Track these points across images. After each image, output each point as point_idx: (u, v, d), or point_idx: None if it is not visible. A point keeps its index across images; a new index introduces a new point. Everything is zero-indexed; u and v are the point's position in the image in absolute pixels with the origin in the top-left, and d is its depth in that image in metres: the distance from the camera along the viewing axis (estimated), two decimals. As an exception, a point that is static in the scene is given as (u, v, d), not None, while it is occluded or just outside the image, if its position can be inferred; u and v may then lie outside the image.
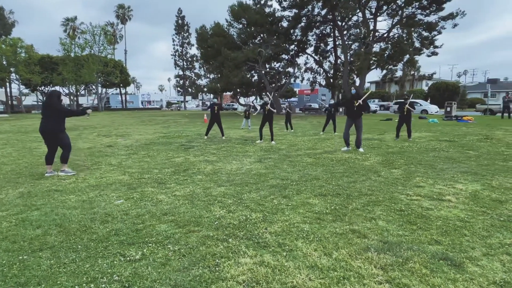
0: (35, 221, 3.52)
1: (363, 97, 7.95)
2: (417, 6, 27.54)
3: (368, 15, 29.27)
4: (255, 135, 12.30)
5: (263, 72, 32.37)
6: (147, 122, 21.42)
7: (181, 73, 55.43)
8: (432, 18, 27.71)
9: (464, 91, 44.94)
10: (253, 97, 51.32)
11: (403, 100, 10.35)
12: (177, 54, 54.39)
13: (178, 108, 55.09)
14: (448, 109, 28.43)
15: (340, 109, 26.34)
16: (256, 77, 40.01)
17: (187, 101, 61.88)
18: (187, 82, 55.35)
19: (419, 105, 31.92)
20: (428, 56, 29.31)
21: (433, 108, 31.44)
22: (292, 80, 37.05)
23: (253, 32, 31.86)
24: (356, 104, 7.74)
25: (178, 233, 3.15)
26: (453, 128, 14.21)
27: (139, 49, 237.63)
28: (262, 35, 32.67)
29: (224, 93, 50.36)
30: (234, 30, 33.16)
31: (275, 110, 9.64)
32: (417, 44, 28.71)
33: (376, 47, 30.15)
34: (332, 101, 12.57)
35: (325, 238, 2.98)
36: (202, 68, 49.63)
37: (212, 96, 44.36)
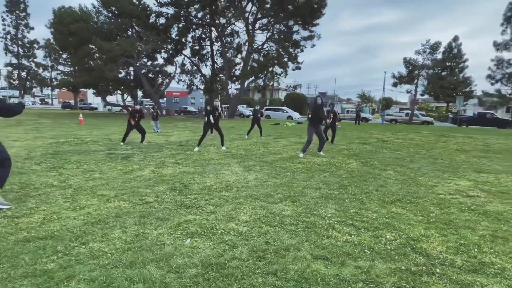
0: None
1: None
2: (284, 24, 31.32)
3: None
4: (174, 140, 10.95)
5: (141, 69, 29.30)
6: (-7, 123, 15.78)
7: (14, 61, 43.67)
8: (296, 37, 32.03)
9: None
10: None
11: (329, 108, 11.46)
12: (9, 37, 42.55)
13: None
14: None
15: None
16: (123, 74, 35.80)
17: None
18: (25, 73, 44.10)
19: (285, 111, 36.32)
20: (293, 70, 33.63)
21: (296, 115, 36.09)
22: (171, 80, 34.99)
23: (127, 23, 28.35)
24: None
25: (358, 275, 2.39)
26: (342, 132, 16.60)
27: None
28: (136, 29, 29.51)
29: (81, 90, 42.76)
30: (103, 18, 28.67)
31: (223, 115, 8.79)
32: (285, 59, 32.45)
33: (252, 57, 32.29)
34: (258, 107, 13.41)
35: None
36: (50, 58, 40.74)
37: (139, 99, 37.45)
